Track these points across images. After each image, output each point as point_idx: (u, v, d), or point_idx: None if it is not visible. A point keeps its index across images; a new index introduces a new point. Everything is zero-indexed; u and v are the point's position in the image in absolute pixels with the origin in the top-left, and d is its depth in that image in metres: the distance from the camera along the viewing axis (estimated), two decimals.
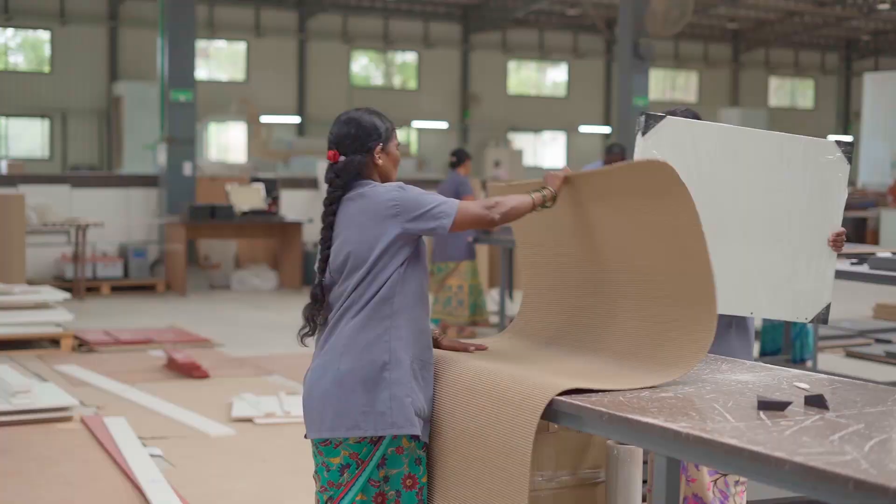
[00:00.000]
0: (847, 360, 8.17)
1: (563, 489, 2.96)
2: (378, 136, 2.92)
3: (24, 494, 4.70)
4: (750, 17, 30.26)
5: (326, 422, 2.75)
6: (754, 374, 2.84)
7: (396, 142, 3.01)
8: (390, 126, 2.99)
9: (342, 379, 2.74)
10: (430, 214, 2.79)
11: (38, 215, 10.95)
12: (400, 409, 2.72)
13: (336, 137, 2.93)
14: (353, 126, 2.92)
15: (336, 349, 2.78)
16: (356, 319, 2.78)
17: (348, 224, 2.85)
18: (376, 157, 2.91)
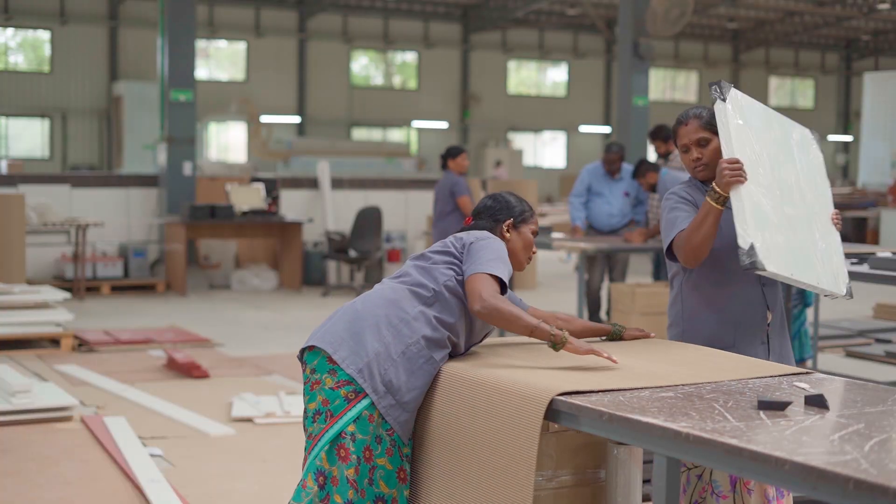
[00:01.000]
0: (847, 360, 8.17)
1: (563, 489, 2.96)
2: (510, 213, 3.14)
3: (24, 494, 4.70)
4: (750, 17, 30.25)
5: (318, 334, 2.92)
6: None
7: (534, 228, 3.18)
8: (528, 211, 3.17)
9: (348, 310, 2.94)
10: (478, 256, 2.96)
11: (38, 215, 10.95)
12: (373, 364, 2.83)
13: (477, 207, 3.21)
14: (491, 199, 3.20)
15: (367, 294, 2.99)
16: (395, 284, 2.99)
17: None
18: (504, 229, 3.12)
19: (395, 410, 2.83)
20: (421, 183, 14.13)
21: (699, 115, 3.35)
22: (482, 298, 2.85)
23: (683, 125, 3.35)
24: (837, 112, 35.64)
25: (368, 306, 2.92)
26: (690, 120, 3.34)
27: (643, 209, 8.82)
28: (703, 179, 3.35)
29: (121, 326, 9.28)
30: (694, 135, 3.32)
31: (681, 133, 3.36)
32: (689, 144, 3.33)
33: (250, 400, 6.42)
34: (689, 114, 3.37)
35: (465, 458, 2.75)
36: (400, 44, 28.32)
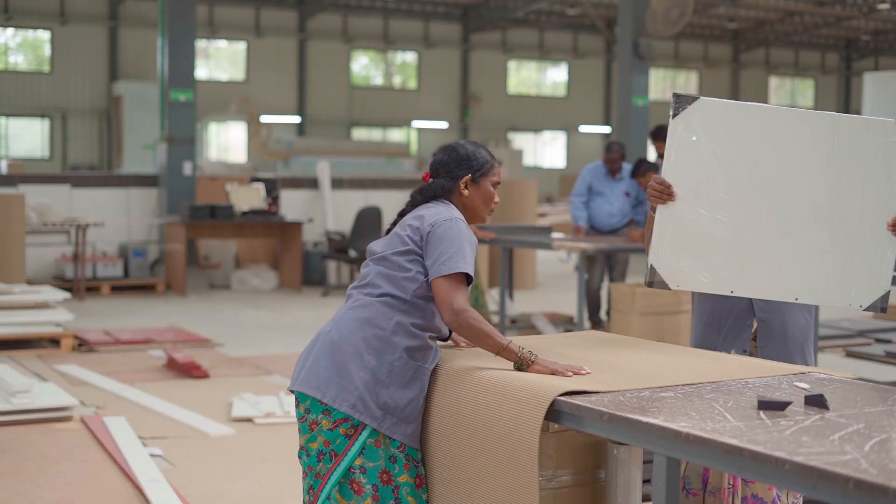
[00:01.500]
0: (847, 360, 8.17)
1: (563, 489, 2.96)
2: (469, 167, 2.98)
3: (24, 494, 4.70)
4: (750, 17, 30.26)
5: (300, 377, 2.84)
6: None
7: (494, 179, 3.03)
8: (489, 161, 3.01)
9: (329, 343, 2.83)
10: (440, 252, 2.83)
11: (38, 215, 10.95)
12: (364, 394, 2.77)
13: (432, 163, 3.05)
14: (447, 153, 3.02)
15: (337, 317, 2.90)
16: (363, 298, 2.87)
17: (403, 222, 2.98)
18: (461, 186, 2.98)
19: (400, 426, 2.81)
20: (420, 183, 14.13)
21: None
22: (454, 311, 2.77)
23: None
24: (837, 112, 35.66)
25: (345, 333, 2.83)
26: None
27: (643, 209, 8.82)
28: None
29: (121, 326, 9.28)
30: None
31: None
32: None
33: (250, 400, 6.42)
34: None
35: (469, 459, 2.75)
36: (400, 44, 28.32)
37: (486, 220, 3.06)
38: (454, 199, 2.99)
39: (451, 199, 2.99)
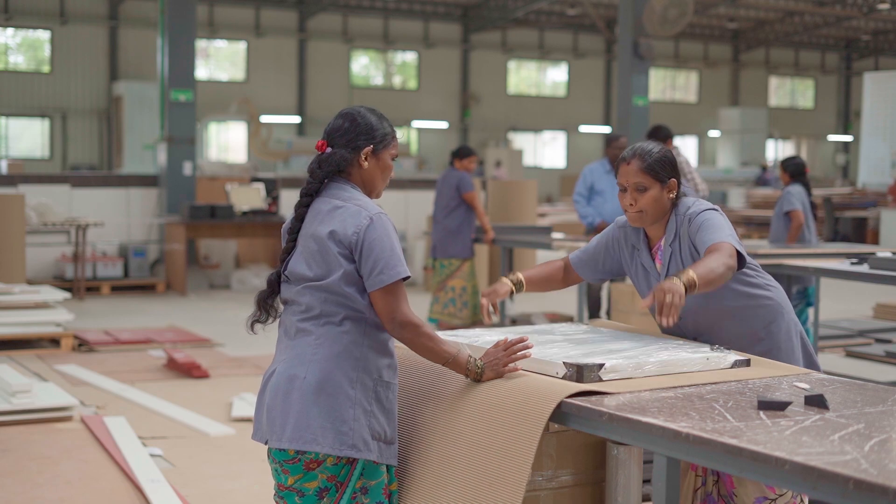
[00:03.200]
0: (847, 360, 8.17)
1: (563, 489, 2.96)
2: (371, 138, 2.78)
3: (24, 494, 4.69)
4: (750, 16, 30.27)
5: (287, 432, 2.65)
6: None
7: (394, 152, 2.84)
8: (390, 133, 2.82)
9: (308, 391, 2.64)
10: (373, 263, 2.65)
11: (38, 215, 10.94)
12: (360, 431, 2.65)
13: (329, 129, 2.82)
14: (347, 120, 2.80)
15: (305, 356, 2.69)
16: (327, 329, 2.69)
17: (316, 229, 2.73)
18: (362, 158, 2.77)
19: (390, 449, 2.73)
20: (421, 183, 14.13)
21: (645, 155, 3.08)
22: (400, 324, 2.65)
23: (625, 164, 3.09)
24: (837, 112, 35.64)
25: (323, 374, 2.65)
26: (633, 160, 3.08)
27: None
28: (634, 226, 3.16)
29: (121, 326, 9.28)
30: (633, 178, 3.08)
31: (621, 171, 3.10)
32: (627, 186, 3.10)
33: (250, 400, 6.42)
34: (635, 153, 3.10)
35: (460, 457, 2.74)
36: (400, 44, 28.33)
37: (381, 194, 2.88)
38: (353, 172, 2.79)
39: (350, 171, 2.79)
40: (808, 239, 7.56)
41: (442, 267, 8.95)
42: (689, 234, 3.05)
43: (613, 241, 3.28)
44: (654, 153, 3.08)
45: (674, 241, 3.11)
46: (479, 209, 8.82)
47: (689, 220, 3.06)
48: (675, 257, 3.10)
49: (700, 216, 3.05)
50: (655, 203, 3.07)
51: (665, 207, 3.11)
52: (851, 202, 18.86)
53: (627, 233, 3.24)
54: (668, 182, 3.09)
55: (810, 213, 7.62)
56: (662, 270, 3.13)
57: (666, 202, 3.10)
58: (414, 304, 11.33)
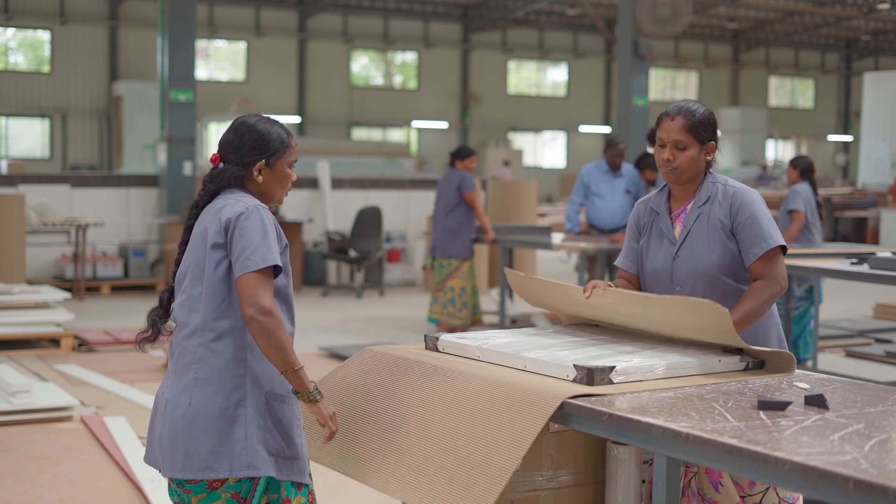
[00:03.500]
0: (847, 360, 8.17)
1: (563, 489, 2.96)
2: (262, 152, 2.68)
3: (24, 494, 4.69)
4: (750, 16, 30.27)
5: (178, 461, 2.57)
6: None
7: (291, 159, 2.73)
8: (285, 141, 2.71)
9: (193, 416, 2.56)
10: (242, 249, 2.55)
11: (38, 215, 10.94)
12: (254, 448, 2.56)
13: (222, 142, 2.72)
14: (238, 134, 2.70)
15: (187, 379, 2.60)
16: (207, 346, 2.59)
17: (195, 234, 2.67)
18: (255, 173, 2.69)
19: (296, 466, 2.65)
20: (421, 183, 14.13)
21: (690, 113, 3.08)
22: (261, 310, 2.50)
23: (669, 119, 3.09)
24: (837, 112, 35.64)
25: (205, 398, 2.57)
26: (678, 117, 3.08)
27: None
28: (669, 182, 3.17)
29: (121, 326, 9.28)
30: (675, 134, 3.07)
31: (663, 125, 3.10)
32: (667, 142, 3.09)
33: None
34: (680, 109, 3.10)
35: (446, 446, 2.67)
36: (400, 44, 28.33)
37: (282, 201, 2.82)
38: (248, 184, 2.71)
39: (246, 186, 2.71)
40: (813, 239, 7.52)
41: (441, 267, 8.95)
42: (731, 213, 3.06)
43: (636, 222, 3.28)
44: (698, 113, 3.09)
45: (704, 205, 3.11)
46: (479, 209, 8.83)
47: (732, 197, 3.07)
48: (701, 221, 3.10)
49: (745, 200, 3.07)
50: (692, 163, 3.09)
51: (700, 169, 3.12)
52: (851, 202, 18.86)
53: (649, 203, 3.25)
54: (708, 144, 3.10)
55: (816, 212, 7.57)
56: (682, 233, 3.12)
57: (702, 164, 3.12)
58: (413, 303, 11.35)
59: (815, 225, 7.52)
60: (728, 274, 3.09)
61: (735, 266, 3.09)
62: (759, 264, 3.05)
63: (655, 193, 3.26)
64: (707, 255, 3.08)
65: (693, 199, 3.15)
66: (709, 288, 3.08)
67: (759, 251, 3.03)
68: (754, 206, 3.06)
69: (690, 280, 3.10)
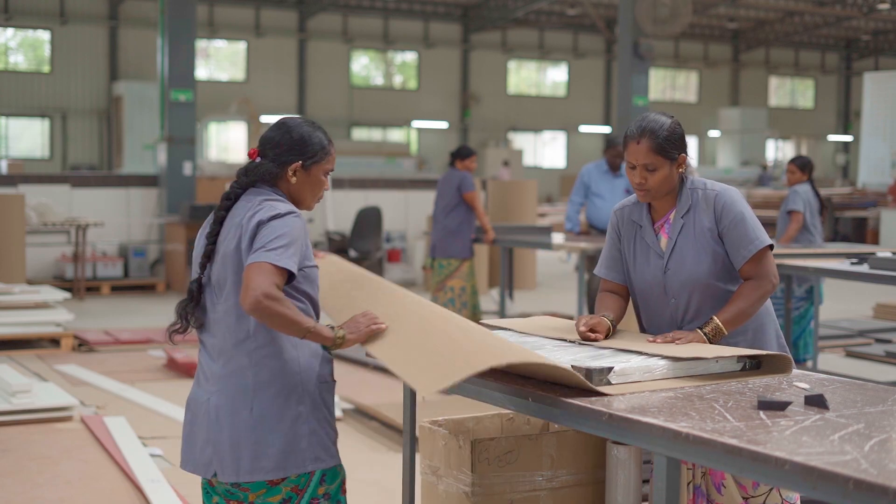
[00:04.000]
0: (847, 360, 8.17)
1: (563, 489, 2.96)
2: (300, 153, 2.69)
3: (24, 494, 4.70)
4: (750, 16, 30.28)
5: (244, 466, 2.58)
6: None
7: (327, 167, 2.73)
8: (325, 147, 2.72)
9: (258, 420, 2.58)
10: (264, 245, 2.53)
11: (38, 215, 10.95)
12: (319, 441, 2.62)
13: (262, 138, 2.75)
14: (281, 133, 2.72)
15: (244, 384, 2.60)
16: (263, 351, 2.60)
17: (230, 237, 2.65)
18: (289, 173, 2.69)
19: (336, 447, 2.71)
20: (421, 183, 14.14)
21: (654, 134, 3.01)
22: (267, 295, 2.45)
23: (635, 142, 3.02)
24: (837, 112, 35.64)
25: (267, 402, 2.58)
26: (643, 140, 3.01)
27: None
28: (643, 201, 3.13)
29: (121, 326, 9.28)
30: (643, 158, 3.02)
31: (630, 149, 3.04)
32: (636, 164, 3.04)
33: None
34: (643, 130, 3.02)
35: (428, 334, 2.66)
36: (400, 44, 28.33)
37: (312, 208, 2.79)
38: (280, 184, 2.71)
39: (278, 185, 2.71)
40: (813, 239, 7.50)
41: (441, 267, 8.94)
42: (716, 216, 3.04)
43: (615, 231, 3.23)
44: (663, 130, 3.02)
45: (687, 214, 3.09)
46: (479, 209, 8.82)
47: (714, 200, 3.05)
48: (686, 231, 3.08)
49: (728, 202, 3.04)
50: (665, 181, 3.05)
51: (674, 183, 3.09)
52: (851, 202, 18.85)
53: (627, 212, 3.20)
54: (678, 158, 3.07)
55: (817, 212, 7.52)
56: (669, 245, 3.10)
57: (675, 178, 3.09)
58: None
59: (814, 225, 7.49)
60: (721, 279, 3.07)
61: (727, 269, 3.07)
62: (748, 266, 3.04)
63: (633, 204, 3.20)
64: (697, 265, 3.05)
65: (674, 208, 3.12)
66: (704, 296, 3.07)
67: (747, 254, 3.02)
68: (737, 206, 3.04)
69: (685, 291, 3.08)
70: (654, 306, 3.13)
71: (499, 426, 3.25)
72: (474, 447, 2.90)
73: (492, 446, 2.92)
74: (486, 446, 2.92)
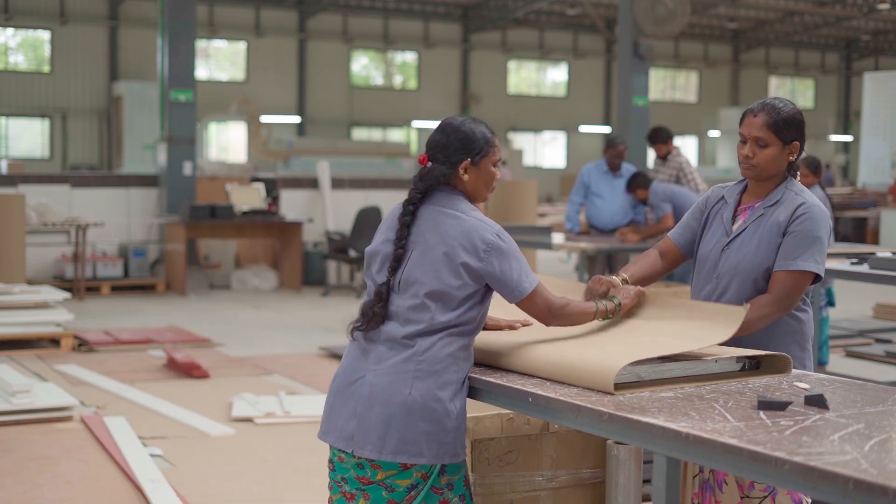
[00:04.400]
0: (847, 359, 8.17)
1: (563, 489, 2.96)
2: (467, 151, 2.81)
3: (24, 494, 4.70)
4: (750, 16, 30.26)
5: (390, 445, 2.67)
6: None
7: (495, 158, 2.86)
8: (489, 140, 2.84)
9: (413, 405, 2.67)
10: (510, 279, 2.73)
11: (38, 215, 10.94)
12: (460, 437, 2.73)
13: (429, 142, 2.86)
14: (445, 134, 2.83)
15: (406, 369, 2.70)
16: (427, 344, 2.71)
17: (431, 238, 2.77)
18: (461, 171, 2.82)
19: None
20: None
21: (774, 111, 3.04)
22: (555, 315, 2.79)
23: (752, 115, 3.06)
24: (837, 112, 35.64)
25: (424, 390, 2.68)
26: (761, 113, 3.05)
27: (643, 209, 8.80)
28: (747, 178, 3.14)
29: (121, 326, 9.28)
30: (756, 131, 3.04)
31: (746, 121, 3.07)
32: (748, 138, 3.07)
33: (250, 400, 6.42)
34: (765, 105, 3.06)
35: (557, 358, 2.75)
36: (400, 44, 28.32)
37: (487, 199, 2.95)
38: (456, 183, 2.84)
39: (454, 184, 2.84)
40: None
41: None
42: (791, 217, 3.02)
43: (704, 204, 3.25)
44: (783, 111, 3.03)
45: (771, 207, 3.08)
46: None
47: (799, 206, 3.03)
48: (761, 221, 3.07)
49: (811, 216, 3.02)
50: (772, 161, 3.04)
51: (780, 168, 3.08)
52: (851, 202, 18.85)
53: (722, 190, 3.23)
54: (791, 144, 3.05)
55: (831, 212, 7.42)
56: (739, 228, 3.10)
57: (782, 163, 3.07)
58: None
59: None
60: (769, 278, 3.06)
61: None
62: (782, 276, 3.00)
63: (734, 184, 3.23)
64: (755, 254, 3.05)
65: (764, 198, 3.12)
66: (745, 286, 3.06)
67: (787, 265, 2.99)
68: (816, 223, 3.02)
69: (731, 274, 3.08)
70: (702, 279, 3.16)
71: (499, 426, 3.26)
72: (474, 447, 2.91)
73: (492, 446, 2.92)
74: (486, 446, 2.92)
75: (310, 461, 5.19)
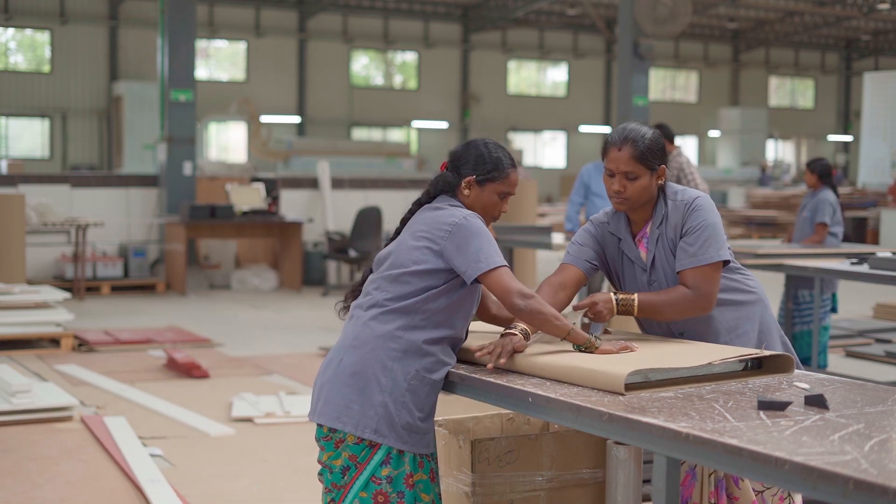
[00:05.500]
0: (847, 360, 8.17)
1: (563, 489, 2.96)
2: (475, 169, 2.90)
3: (24, 494, 4.69)
4: (750, 16, 30.27)
5: (319, 407, 2.80)
6: None
7: (503, 188, 2.91)
8: (501, 167, 2.90)
9: (340, 371, 2.78)
10: (466, 254, 2.77)
11: (38, 215, 10.94)
12: (386, 417, 2.73)
13: (451, 152, 3.00)
14: (465, 148, 2.96)
15: (346, 341, 2.83)
16: (375, 317, 2.80)
17: (409, 228, 2.90)
18: (463, 185, 2.91)
19: (424, 440, 2.79)
20: (421, 183, 14.13)
21: (636, 142, 2.98)
22: (523, 296, 2.72)
23: (616, 148, 2.98)
24: (837, 112, 35.64)
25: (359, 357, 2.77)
26: (625, 146, 2.98)
27: None
28: (619, 210, 3.08)
29: (121, 326, 9.28)
30: (624, 165, 2.97)
31: (611, 155, 2.99)
32: (616, 172, 2.99)
33: (250, 400, 6.42)
34: (626, 137, 2.99)
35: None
36: (400, 44, 28.32)
37: (488, 224, 2.97)
38: (457, 195, 2.93)
39: (457, 194, 2.94)
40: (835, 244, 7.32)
41: None
42: (683, 220, 3.01)
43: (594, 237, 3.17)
44: (646, 140, 2.98)
45: (661, 225, 3.05)
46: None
47: (685, 206, 3.01)
48: (661, 241, 3.04)
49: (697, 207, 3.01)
50: (644, 191, 3.00)
51: (652, 194, 3.04)
52: (851, 202, 18.85)
53: (607, 227, 3.15)
54: (658, 169, 3.03)
55: (840, 216, 7.30)
56: (648, 257, 3.07)
57: (654, 189, 3.04)
58: None
59: (836, 234, 7.27)
60: None
61: None
62: (689, 274, 2.97)
63: (611, 216, 3.15)
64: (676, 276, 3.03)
65: (651, 220, 3.08)
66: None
67: (691, 262, 2.96)
68: (704, 213, 3.00)
69: None
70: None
71: (499, 426, 3.26)
72: (474, 447, 2.91)
73: (492, 446, 2.92)
74: (486, 446, 2.92)
75: (310, 461, 5.18)
